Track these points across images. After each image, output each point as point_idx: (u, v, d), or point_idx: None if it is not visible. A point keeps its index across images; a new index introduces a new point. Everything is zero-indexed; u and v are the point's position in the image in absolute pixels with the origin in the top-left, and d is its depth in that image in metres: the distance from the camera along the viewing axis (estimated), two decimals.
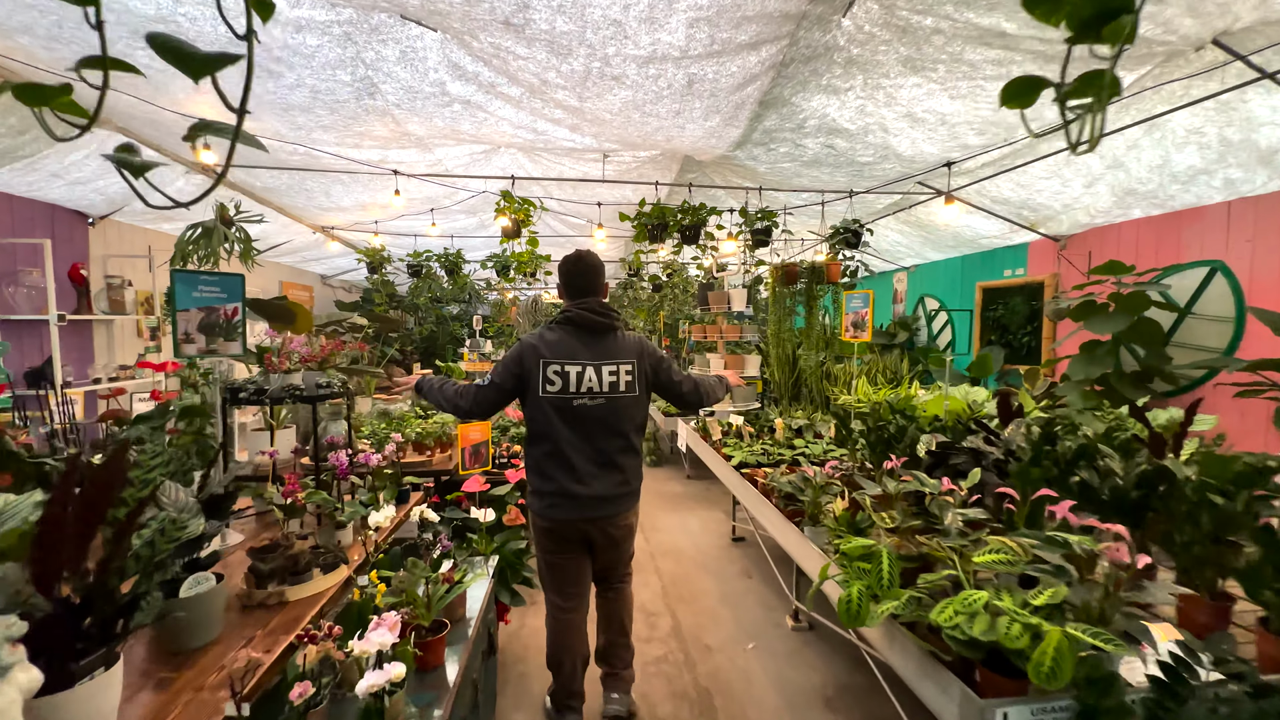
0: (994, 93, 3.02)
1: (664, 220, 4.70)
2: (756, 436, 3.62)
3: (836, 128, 3.46)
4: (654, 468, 6.56)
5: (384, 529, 2.12)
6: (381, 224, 6.31)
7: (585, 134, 3.54)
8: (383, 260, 6.78)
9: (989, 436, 2.30)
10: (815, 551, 2.10)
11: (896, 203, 5.28)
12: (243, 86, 0.59)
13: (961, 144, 3.58)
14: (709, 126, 3.31)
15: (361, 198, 5.08)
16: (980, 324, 5.79)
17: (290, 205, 5.34)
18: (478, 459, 3.60)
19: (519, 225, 4.61)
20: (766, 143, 3.64)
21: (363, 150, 3.87)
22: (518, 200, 4.54)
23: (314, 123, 3.18)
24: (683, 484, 5.91)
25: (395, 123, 3.25)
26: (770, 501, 2.54)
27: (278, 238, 6.43)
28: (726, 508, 5.01)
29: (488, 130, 3.45)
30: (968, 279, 6.05)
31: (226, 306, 2.04)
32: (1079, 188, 4.08)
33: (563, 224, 6.82)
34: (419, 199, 5.20)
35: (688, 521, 4.70)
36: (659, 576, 3.69)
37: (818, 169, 4.07)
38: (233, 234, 4.46)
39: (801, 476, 2.18)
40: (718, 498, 5.30)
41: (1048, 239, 4.98)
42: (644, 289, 7.73)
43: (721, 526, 4.57)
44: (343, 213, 5.55)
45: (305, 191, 4.90)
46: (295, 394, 2.21)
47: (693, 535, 4.39)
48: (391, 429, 3.65)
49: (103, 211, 4.53)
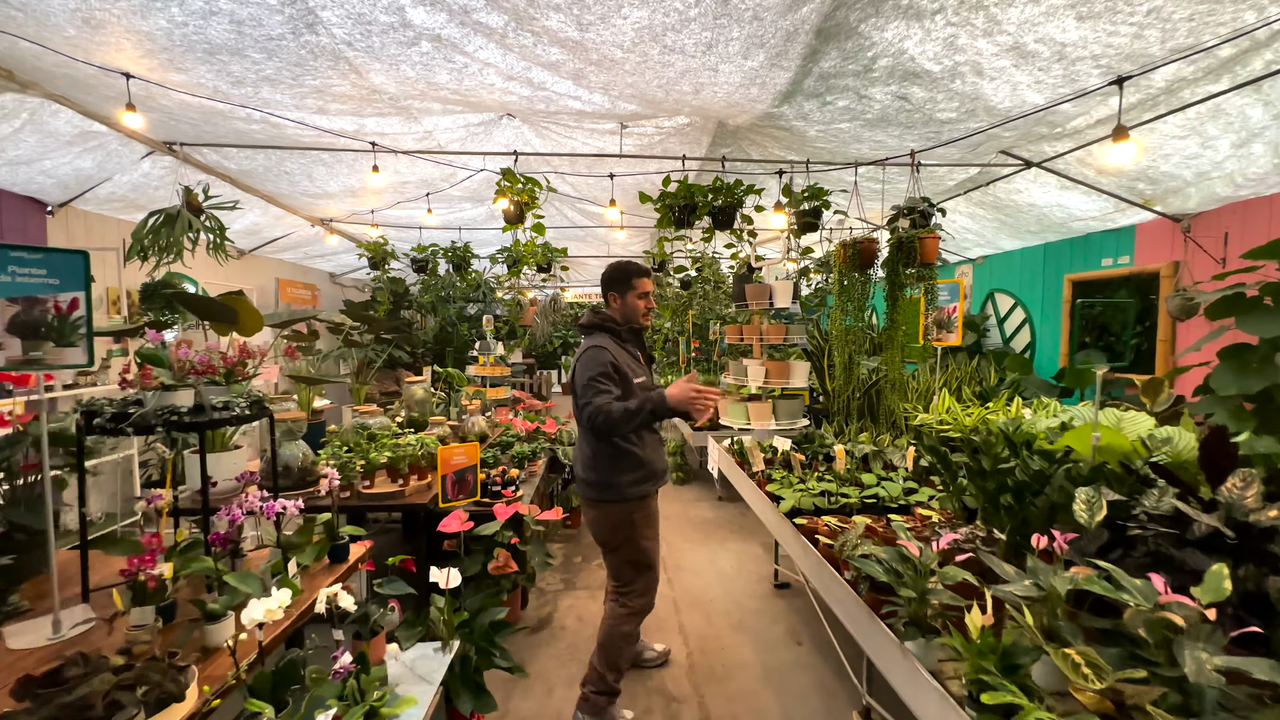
0: (1145, 6, 2.20)
1: (692, 201, 3.97)
2: (809, 466, 2.85)
3: (915, 70, 2.67)
4: (680, 486, 5.82)
5: (279, 622, 1.45)
6: (381, 215, 5.76)
7: (593, 87, 2.84)
8: (386, 255, 6.23)
9: (1186, 494, 1.50)
10: (923, 679, 1.34)
11: (971, 178, 4.43)
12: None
13: (1078, 87, 2.75)
14: (750, 69, 2.57)
15: (348, 181, 4.50)
16: (1070, 324, 4.87)
17: (276, 192, 4.81)
18: (462, 488, 2.94)
19: (522, 208, 3.95)
20: (822, 93, 2.87)
21: (331, 118, 3.26)
22: (520, 179, 3.87)
23: (254, 73, 2.57)
24: (713, 507, 5.15)
25: (355, 72, 2.62)
26: (841, 577, 1.79)
27: (272, 231, 5.95)
28: (766, 539, 4.24)
29: (472, 83, 2.79)
30: (1052, 271, 5.12)
31: (58, 297, 1.42)
32: (1225, 148, 3.17)
33: (580, 214, 6.15)
34: (413, 182, 4.59)
35: (719, 559, 3.95)
36: (683, 638, 2.96)
37: (883, 130, 3.28)
38: (201, 222, 3.94)
39: (898, 555, 1.43)
40: (754, 526, 4.54)
41: (1165, 219, 4.06)
42: (670, 284, 6.99)
43: (760, 566, 3.81)
44: (331, 200, 4.99)
45: (286, 175, 4.35)
46: (171, 419, 1.57)
47: (725, 579, 3.64)
48: (361, 452, 3.02)
49: (60, 198, 4.05)
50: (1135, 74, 2.62)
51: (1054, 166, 3.86)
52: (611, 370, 2.16)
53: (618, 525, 2.27)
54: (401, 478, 2.91)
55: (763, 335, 3.40)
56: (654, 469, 2.30)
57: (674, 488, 5.71)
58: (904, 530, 1.57)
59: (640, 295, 2.33)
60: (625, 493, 2.23)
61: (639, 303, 2.33)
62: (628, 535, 2.27)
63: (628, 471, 2.24)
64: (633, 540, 2.28)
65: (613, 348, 2.23)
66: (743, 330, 3.53)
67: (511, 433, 4.64)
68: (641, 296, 2.33)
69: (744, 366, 3.52)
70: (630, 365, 2.26)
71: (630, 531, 2.27)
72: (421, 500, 2.83)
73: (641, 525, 2.28)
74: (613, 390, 2.13)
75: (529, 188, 3.98)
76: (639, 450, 2.24)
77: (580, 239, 7.13)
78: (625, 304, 2.34)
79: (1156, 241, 4.20)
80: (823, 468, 2.82)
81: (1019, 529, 1.72)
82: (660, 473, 2.34)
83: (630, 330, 2.36)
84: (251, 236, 5.92)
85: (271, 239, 6.17)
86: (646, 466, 2.26)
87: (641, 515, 2.28)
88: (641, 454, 2.24)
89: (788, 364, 3.37)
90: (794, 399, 3.41)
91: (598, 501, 2.28)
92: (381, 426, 3.54)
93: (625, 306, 2.34)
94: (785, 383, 3.37)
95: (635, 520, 2.26)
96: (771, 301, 3.45)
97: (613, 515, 2.26)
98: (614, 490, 2.24)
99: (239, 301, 2.57)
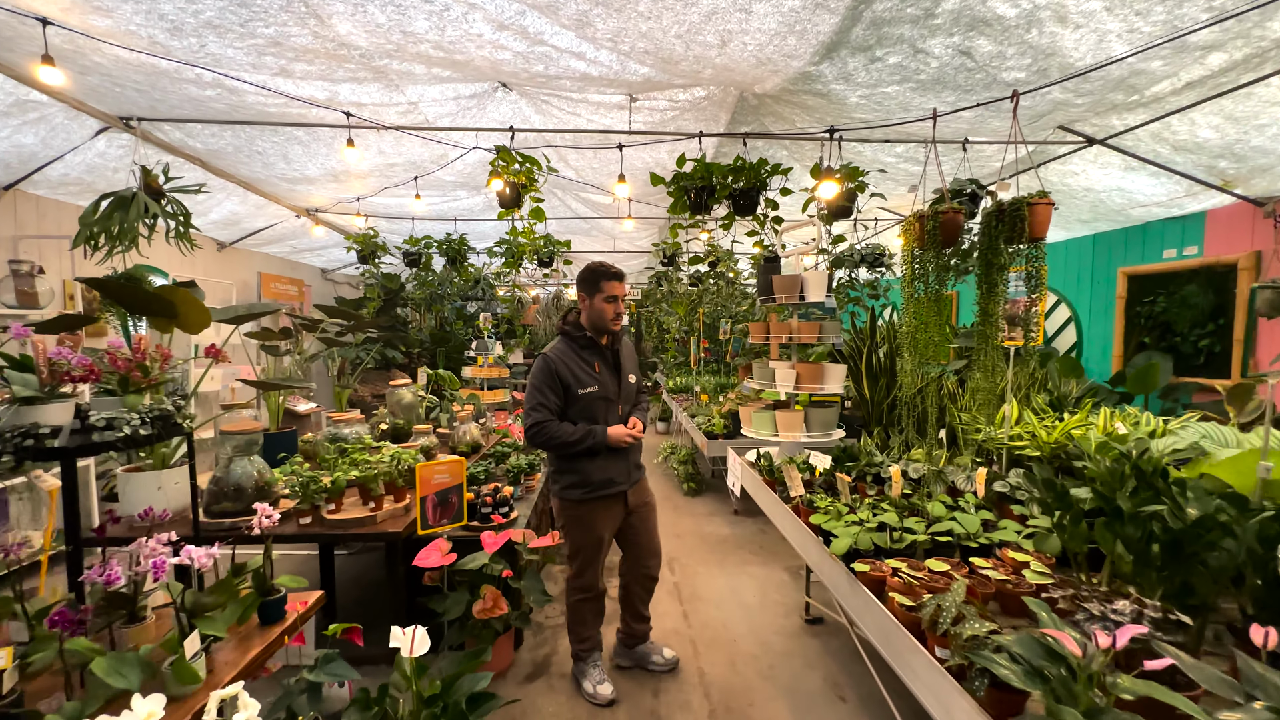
0: None
1: (709, 183, 3.53)
2: (855, 489, 2.40)
3: (985, 15, 2.22)
4: (692, 498, 5.37)
5: None
6: (371, 204, 5.33)
7: (599, 40, 2.40)
8: (376, 248, 5.80)
9: None
10: None
11: (1023, 160, 3.96)
12: None
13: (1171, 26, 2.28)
14: (789, 9, 2.13)
15: (328, 163, 4.08)
16: (1125, 322, 4.41)
17: (252, 177, 4.38)
18: (445, 512, 2.50)
19: (519, 191, 3.51)
20: (871, 46, 2.43)
21: (298, 83, 2.83)
22: (518, 158, 3.44)
23: (192, 15, 2.14)
24: (729, 522, 4.70)
25: (315, 17, 2.18)
26: (931, 656, 1.32)
27: (253, 221, 5.53)
28: (791, 562, 3.79)
29: (455, 34, 2.35)
30: (1103, 264, 4.66)
31: None
32: None
33: (584, 204, 5.71)
34: (399, 164, 4.16)
35: (740, 586, 3.51)
36: (703, 689, 2.52)
37: (936, 95, 2.83)
38: (160, 206, 3.51)
39: (1041, 648, 0.97)
40: (776, 544, 4.09)
41: (1245, 202, 3.59)
42: (680, 281, 6.55)
43: (787, 595, 3.36)
44: (313, 186, 4.57)
45: (259, 156, 3.92)
46: (23, 444, 1.14)
47: (749, 611, 3.19)
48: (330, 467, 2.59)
49: (5, 179, 3.63)
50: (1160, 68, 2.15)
51: (1121, 144, 3.40)
52: (554, 381, 2.23)
53: (558, 513, 2.45)
54: (374, 500, 2.48)
55: (795, 334, 2.95)
56: (589, 479, 2.30)
57: (685, 500, 5.26)
58: (1045, 612, 1.09)
59: (608, 299, 2.29)
60: (561, 492, 2.37)
61: (606, 306, 2.29)
62: (565, 530, 2.42)
63: (563, 474, 2.36)
64: (568, 531, 2.41)
65: (563, 356, 2.27)
66: (772, 328, 3.08)
67: (508, 441, 4.21)
68: (609, 300, 2.29)
69: (771, 370, 3.07)
70: (580, 375, 2.27)
71: (566, 524, 2.40)
72: (396, 528, 2.39)
73: (571, 525, 2.37)
74: (550, 404, 2.22)
75: (527, 168, 3.55)
76: (578, 462, 2.30)
77: (584, 232, 6.69)
78: (592, 307, 2.31)
79: (1232, 229, 3.73)
80: (872, 491, 2.36)
81: (1178, 594, 1.27)
82: (601, 484, 2.32)
83: (590, 337, 2.33)
84: (231, 227, 5.51)
85: (253, 230, 5.76)
86: (579, 474, 2.31)
87: (573, 515, 2.36)
88: (578, 464, 2.30)
89: (822, 367, 2.92)
90: (828, 406, 2.96)
91: (554, 494, 2.43)
92: (357, 436, 3.11)
93: (591, 310, 2.31)
94: (819, 388, 2.92)
95: (567, 517, 2.38)
96: (803, 295, 3.00)
97: (557, 508, 2.45)
98: (555, 482, 2.40)
99: (177, 293, 2.14)
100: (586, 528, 2.36)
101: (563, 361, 2.26)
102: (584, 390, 2.25)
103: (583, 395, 2.25)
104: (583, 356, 2.31)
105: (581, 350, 2.32)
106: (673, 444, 6.17)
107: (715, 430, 4.42)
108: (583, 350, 2.32)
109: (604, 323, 2.31)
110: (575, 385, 2.24)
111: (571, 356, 2.29)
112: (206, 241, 5.69)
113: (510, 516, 2.85)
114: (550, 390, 2.22)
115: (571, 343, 2.33)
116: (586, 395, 2.26)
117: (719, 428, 4.43)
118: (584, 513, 2.35)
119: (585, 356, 2.32)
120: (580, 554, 2.39)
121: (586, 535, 2.37)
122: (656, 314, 9.01)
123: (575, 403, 2.25)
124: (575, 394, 2.24)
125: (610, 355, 2.40)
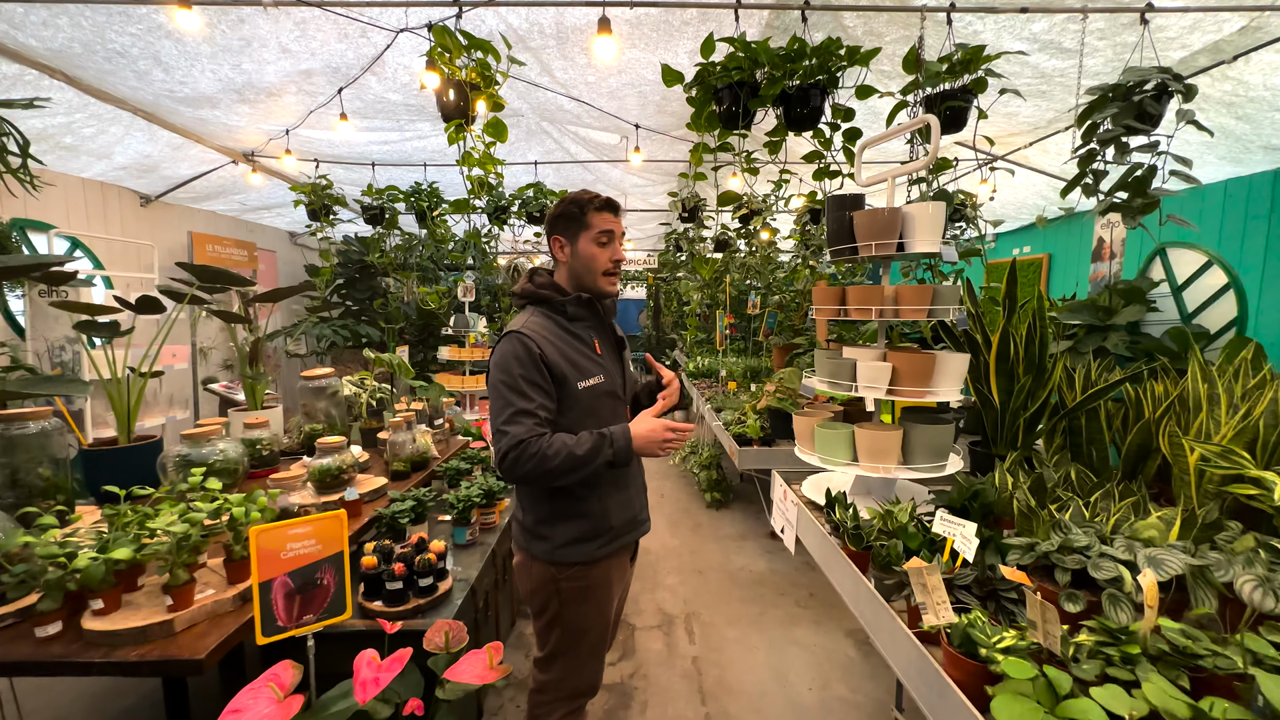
0: None
1: (750, 76, 2.35)
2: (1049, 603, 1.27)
3: None
4: (716, 511, 4.30)
5: None
6: (309, 140, 4.24)
7: None
8: (330, 200, 4.72)
9: None
10: None
11: (1219, 44, 2.68)
12: None
13: None
14: None
15: (225, 72, 2.97)
16: None
17: (134, 98, 3.31)
18: (310, 602, 1.45)
19: (466, 93, 2.38)
20: None
21: None
22: (463, 39, 2.30)
23: None
24: (765, 550, 3.63)
25: None
26: None
27: (176, 168, 4.48)
28: (855, 624, 2.72)
29: None
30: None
31: None
32: None
33: (584, 146, 4.53)
34: (318, 70, 3.04)
35: (788, 666, 2.45)
36: None
37: None
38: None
39: None
40: (829, 590, 3.01)
41: None
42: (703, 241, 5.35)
43: (858, 685, 2.30)
44: (218, 110, 3.47)
45: (123, 59, 2.84)
46: None
47: (805, 710, 2.13)
48: (100, 543, 1.56)
49: None
50: None
51: None
52: (540, 371, 1.37)
53: (538, 589, 1.49)
54: (176, 590, 1.44)
55: (897, 304, 1.81)
56: (607, 522, 1.48)
57: (709, 517, 4.20)
58: None
59: (599, 238, 1.47)
60: (555, 553, 1.45)
61: (598, 251, 1.47)
62: (556, 610, 1.49)
63: (562, 521, 1.46)
64: (560, 616, 1.49)
65: (546, 334, 1.43)
66: (849, 294, 1.94)
67: (476, 449, 3.16)
68: (602, 241, 1.47)
69: (845, 362, 1.94)
70: (577, 360, 1.45)
71: (557, 606, 1.48)
72: (204, 643, 1.36)
73: (574, 600, 1.48)
74: (537, 408, 1.35)
75: (481, 60, 2.41)
76: (584, 492, 1.46)
77: (587, 184, 5.53)
78: (576, 253, 1.48)
79: None
80: (1072, 605, 1.20)
81: None
82: (622, 528, 1.51)
83: (582, 300, 1.51)
84: (149, 175, 4.47)
85: (181, 181, 4.72)
86: (593, 519, 1.46)
87: (576, 588, 1.47)
88: (588, 499, 1.46)
89: (933, 357, 1.79)
90: (940, 424, 1.83)
91: (523, 549, 1.53)
92: (218, 457, 2.08)
93: (577, 258, 1.49)
94: (928, 390, 1.79)
95: (564, 592, 1.47)
96: (902, 237, 1.85)
97: (536, 574, 1.49)
98: (542, 544, 1.47)
99: None
100: (598, 605, 1.51)
101: (549, 341, 1.41)
102: (586, 383, 1.44)
103: (584, 390, 1.44)
104: (573, 331, 1.49)
105: (571, 323, 1.50)
106: (693, 442, 5.08)
107: (750, 433, 3.33)
108: (573, 323, 1.50)
109: (594, 277, 1.49)
110: (574, 376, 1.42)
111: (557, 332, 1.46)
112: (126, 194, 4.68)
113: (437, 592, 1.80)
114: (534, 387, 1.37)
115: (554, 313, 1.50)
116: (589, 390, 1.45)
117: (754, 430, 3.34)
118: (595, 580, 1.49)
119: (578, 331, 1.50)
120: (580, 644, 1.52)
121: (596, 616, 1.52)
122: (675, 285, 7.83)
123: (573, 403, 1.43)
124: (574, 389, 1.43)
125: (609, 328, 1.61)
